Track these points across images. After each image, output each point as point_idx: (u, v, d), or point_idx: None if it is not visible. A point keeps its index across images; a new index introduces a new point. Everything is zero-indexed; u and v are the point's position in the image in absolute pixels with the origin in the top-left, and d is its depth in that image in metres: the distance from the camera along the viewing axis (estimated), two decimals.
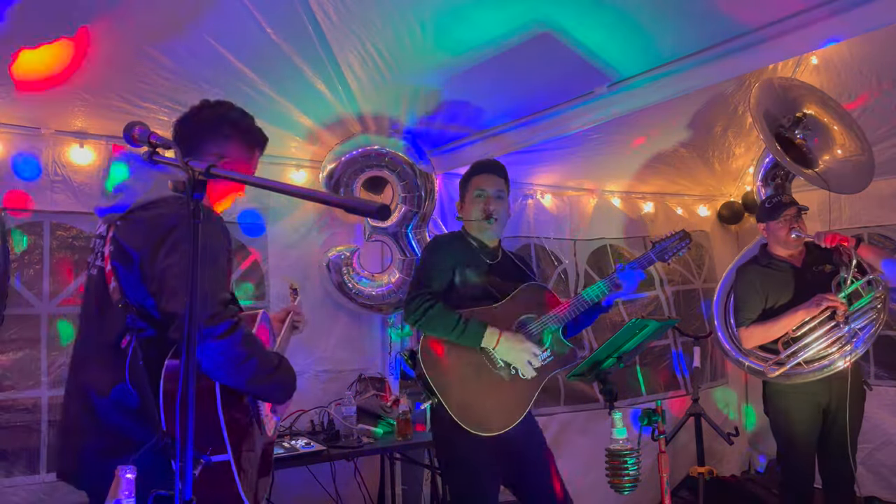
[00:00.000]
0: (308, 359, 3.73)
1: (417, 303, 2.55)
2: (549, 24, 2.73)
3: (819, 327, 3.13)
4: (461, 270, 2.68)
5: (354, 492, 3.72)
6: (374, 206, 1.40)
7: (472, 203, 2.80)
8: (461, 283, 2.67)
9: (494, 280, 2.73)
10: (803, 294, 3.17)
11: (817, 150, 3.40)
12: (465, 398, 2.52)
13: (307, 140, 3.63)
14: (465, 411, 2.50)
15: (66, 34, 2.51)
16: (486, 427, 2.51)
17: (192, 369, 1.32)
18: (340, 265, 3.71)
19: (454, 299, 2.64)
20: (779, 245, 3.36)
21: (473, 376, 2.56)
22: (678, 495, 4.64)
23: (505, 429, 2.54)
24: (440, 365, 2.55)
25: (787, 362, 3.17)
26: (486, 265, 2.76)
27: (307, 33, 2.71)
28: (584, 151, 4.21)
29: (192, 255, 1.35)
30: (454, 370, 2.55)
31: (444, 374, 2.54)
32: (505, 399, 2.57)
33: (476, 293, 2.67)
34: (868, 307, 3.08)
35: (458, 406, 2.50)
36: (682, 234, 2.79)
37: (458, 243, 2.78)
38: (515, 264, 2.90)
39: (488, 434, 2.51)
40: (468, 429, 2.48)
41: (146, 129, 1.53)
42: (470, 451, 2.53)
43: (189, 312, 1.32)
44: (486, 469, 2.56)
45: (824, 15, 2.35)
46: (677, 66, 2.84)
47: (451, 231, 2.91)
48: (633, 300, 4.89)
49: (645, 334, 2.45)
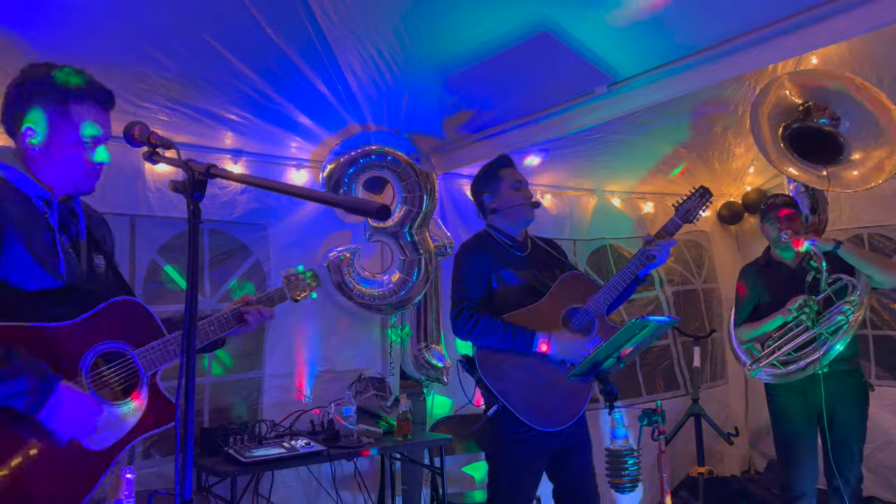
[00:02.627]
0: (308, 359, 3.73)
1: (464, 318, 2.58)
2: (549, 24, 2.73)
3: (791, 329, 3.16)
4: (497, 272, 2.69)
5: (354, 492, 3.72)
6: (374, 206, 1.40)
7: (510, 192, 2.79)
8: (500, 286, 2.69)
9: (531, 273, 2.74)
10: (790, 296, 3.18)
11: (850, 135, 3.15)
12: (528, 398, 2.55)
13: (307, 140, 3.63)
14: (531, 411, 2.53)
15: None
16: (552, 423, 2.56)
17: (192, 369, 1.32)
18: (340, 265, 3.71)
19: (496, 303, 2.65)
20: (774, 246, 3.38)
21: (532, 375, 2.58)
22: (678, 495, 4.64)
23: (571, 420, 2.60)
24: (499, 370, 2.57)
25: (763, 362, 3.22)
26: (520, 259, 2.77)
27: (307, 33, 2.71)
28: (584, 151, 4.21)
29: (193, 254, 1.35)
30: (513, 373, 2.57)
31: (503, 378, 2.56)
32: (566, 392, 2.60)
33: (516, 291, 2.68)
34: (836, 311, 3.07)
35: (524, 407, 2.53)
36: (702, 189, 2.76)
37: (486, 245, 2.77)
38: (546, 251, 2.90)
39: (555, 429, 2.56)
40: (537, 427, 2.52)
41: (146, 128, 1.54)
42: (517, 450, 2.57)
43: (189, 311, 1.32)
44: (527, 469, 2.61)
45: (824, 15, 2.36)
46: (677, 66, 2.84)
47: (475, 234, 2.88)
48: (633, 300, 4.89)
49: (645, 334, 2.44)
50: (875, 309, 4.39)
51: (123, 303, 1.82)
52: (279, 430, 3.40)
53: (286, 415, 3.52)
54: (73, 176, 1.77)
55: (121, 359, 1.78)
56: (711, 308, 5.30)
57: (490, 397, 2.57)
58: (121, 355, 1.78)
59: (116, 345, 1.78)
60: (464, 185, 4.39)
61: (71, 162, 1.76)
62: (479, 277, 2.68)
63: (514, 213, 2.78)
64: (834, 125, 3.16)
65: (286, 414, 3.53)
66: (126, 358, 1.78)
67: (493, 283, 2.69)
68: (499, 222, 2.82)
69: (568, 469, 2.67)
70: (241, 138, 3.44)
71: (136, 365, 1.79)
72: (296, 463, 3.17)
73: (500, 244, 2.78)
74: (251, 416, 3.47)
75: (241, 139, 3.45)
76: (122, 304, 1.81)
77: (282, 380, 3.62)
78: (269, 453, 3.01)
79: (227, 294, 3.48)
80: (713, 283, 5.37)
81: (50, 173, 1.76)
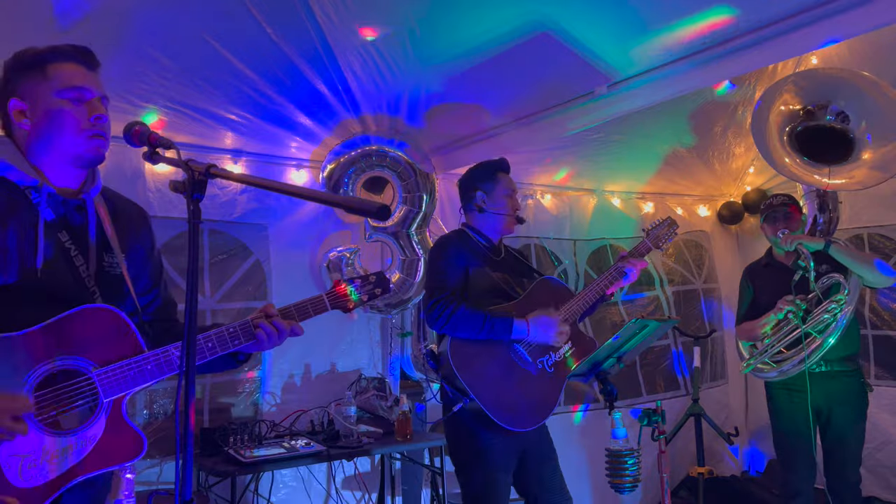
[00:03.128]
0: (308, 359, 3.73)
1: (441, 307, 2.53)
2: (548, 24, 2.73)
3: (780, 328, 3.19)
4: (473, 268, 2.68)
5: (354, 492, 3.72)
6: (374, 207, 1.40)
7: (503, 198, 2.79)
8: (474, 282, 2.68)
9: (504, 276, 2.74)
10: (786, 294, 3.19)
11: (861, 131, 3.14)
12: (499, 396, 2.53)
13: (307, 140, 3.63)
14: (501, 409, 2.52)
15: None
16: (521, 423, 2.54)
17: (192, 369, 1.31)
18: (340, 265, 3.71)
19: (469, 298, 2.64)
20: (772, 245, 3.40)
21: (504, 374, 2.57)
22: (678, 495, 4.64)
23: (539, 423, 2.59)
24: (471, 365, 2.54)
25: (756, 359, 3.26)
26: (494, 262, 2.77)
27: (307, 33, 2.71)
28: (584, 151, 4.21)
29: (193, 254, 1.34)
30: (486, 369, 2.56)
31: (476, 374, 2.54)
32: (535, 394, 2.60)
33: (489, 291, 2.67)
34: (822, 310, 3.09)
35: (494, 404, 2.51)
36: (670, 220, 2.97)
37: (463, 241, 2.77)
38: (518, 259, 2.92)
39: (523, 430, 2.54)
40: (505, 426, 2.50)
41: (146, 128, 1.53)
42: (489, 451, 2.55)
43: (189, 311, 1.32)
44: (502, 470, 2.58)
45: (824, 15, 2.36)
46: (677, 67, 2.84)
47: (453, 230, 2.89)
48: (633, 300, 4.89)
49: (645, 334, 2.44)
50: (875, 309, 4.39)
51: (95, 311, 1.54)
52: (279, 430, 3.40)
53: (286, 415, 3.52)
54: (66, 141, 1.59)
55: (79, 378, 1.50)
56: (711, 308, 5.30)
57: (457, 393, 2.54)
58: (79, 374, 1.50)
59: (77, 361, 1.50)
60: None
61: (58, 125, 1.58)
62: (457, 269, 2.66)
63: (500, 220, 2.79)
64: (844, 123, 3.16)
65: (286, 414, 3.53)
66: (85, 378, 1.51)
67: (467, 278, 2.67)
68: (480, 223, 2.81)
69: (538, 475, 2.67)
70: (241, 138, 3.44)
71: (96, 386, 1.51)
72: (296, 463, 3.17)
73: (476, 243, 2.78)
74: (251, 416, 3.47)
75: (241, 139, 3.45)
76: (94, 313, 1.54)
77: (282, 380, 3.62)
78: (269, 453, 3.01)
79: (227, 294, 3.48)
80: (713, 283, 5.37)
81: (41, 149, 1.60)
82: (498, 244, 2.84)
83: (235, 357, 1.78)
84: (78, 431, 1.49)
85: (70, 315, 1.51)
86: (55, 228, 1.61)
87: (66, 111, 1.58)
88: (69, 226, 1.65)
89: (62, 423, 1.48)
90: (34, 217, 1.57)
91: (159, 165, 1.58)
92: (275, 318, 1.70)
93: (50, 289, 1.55)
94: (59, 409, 1.48)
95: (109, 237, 1.69)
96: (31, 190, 1.59)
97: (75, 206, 1.66)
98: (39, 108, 1.59)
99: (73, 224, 1.65)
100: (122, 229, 1.74)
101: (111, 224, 1.71)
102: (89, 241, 1.66)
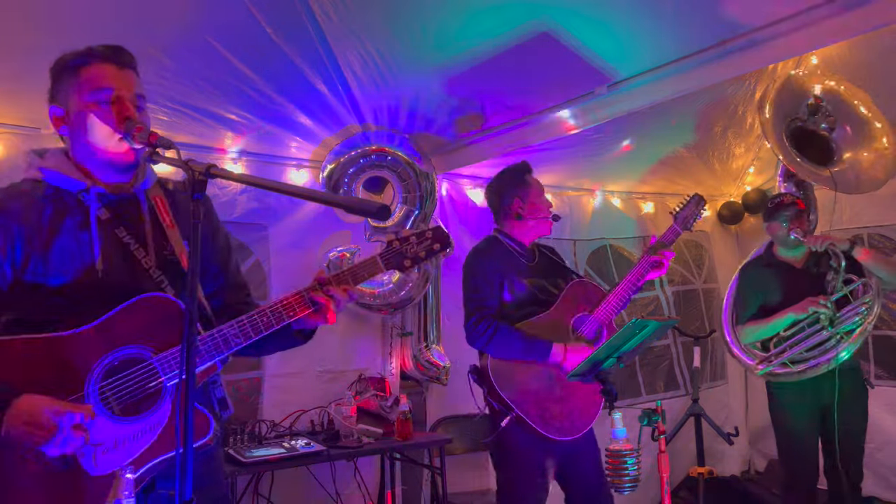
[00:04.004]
0: (308, 359, 3.72)
1: (481, 328, 2.57)
2: (549, 24, 2.73)
3: (805, 329, 3.16)
4: (508, 281, 2.68)
5: (354, 492, 3.72)
6: (374, 207, 1.40)
7: (538, 200, 2.78)
8: (510, 294, 2.68)
9: (538, 282, 2.73)
10: (799, 295, 3.18)
11: (844, 140, 3.26)
12: (543, 408, 2.55)
13: (307, 140, 3.63)
14: (547, 421, 2.54)
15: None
16: (568, 431, 2.56)
17: (192, 368, 1.31)
18: (340, 265, 3.71)
19: (505, 311, 2.65)
20: (780, 245, 3.37)
21: (546, 385, 2.58)
22: (678, 495, 4.64)
23: (585, 429, 2.60)
24: (513, 380, 2.56)
25: (774, 361, 3.22)
26: (528, 268, 2.75)
27: (307, 33, 2.71)
28: (584, 151, 4.21)
29: (193, 254, 1.35)
30: (526, 383, 2.57)
31: (518, 389, 2.55)
32: (578, 401, 2.61)
33: (524, 301, 2.68)
34: (852, 312, 3.08)
35: (540, 417, 2.53)
36: (697, 197, 2.85)
37: (496, 251, 2.75)
38: (551, 259, 2.90)
39: (571, 438, 2.56)
40: (553, 437, 2.52)
41: (146, 128, 1.53)
42: (536, 462, 2.58)
43: (188, 310, 1.32)
44: (543, 481, 2.61)
45: (824, 15, 2.36)
46: (677, 67, 2.85)
47: (485, 238, 2.85)
48: (634, 300, 4.89)
49: (645, 334, 2.44)
50: None
51: (149, 299, 1.57)
52: (279, 430, 3.40)
53: (286, 415, 3.52)
54: (97, 145, 1.59)
55: (140, 365, 1.54)
56: (711, 308, 5.30)
57: (503, 407, 2.55)
58: (140, 361, 1.54)
59: (138, 350, 1.54)
60: (464, 184, 4.39)
61: (88, 129, 1.59)
62: (492, 285, 2.66)
63: (537, 224, 2.77)
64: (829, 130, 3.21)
65: (286, 414, 3.53)
66: (146, 364, 1.54)
67: (503, 291, 2.68)
68: (515, 229, 2.79)
69: (580, 476, 2.67)
70: (241, 138, 3.44)
71: (157, 372, 1.54)
72: (296, 463, 3.17)
73: (510, 251, 2.76)
74: (251, 416, 3.47)
75: (241, 139, 3.45)
76: (148, 301, 1.56)
77: (282, 380, 3.62)
78: (269, 453, 3.01)
79: None
80: (713, 283, 5.37)
81: (81, 153, 1.62)
82: (531, 247, 2.83)
83: (301, 333, 1.78)
84: (145, 417, 1.53)
85: (127, 306, 1.55)
86: (112, 225, 1.63)
87: (94, 114, 1.59)
88: (125, 221, 1.66)
89: (130, 410, 1.53)
90: (86, 218, 1.60)
91: (159, 165, 1.57)
92: (329, 287, 1.66)
93: (113, 284, 1.58)
94: (125, 396, 1.53)
95: (166, 226, 1.70)
96: (82, 193, 1.62)
97: (128, 200, 1.68)
98: (72, 113, 1.62)
99: (128, 218, 1.67)
100: (182, 217, 1.75)
101: (169, 213, 1.72)
102: (146, 233, 1.67)
